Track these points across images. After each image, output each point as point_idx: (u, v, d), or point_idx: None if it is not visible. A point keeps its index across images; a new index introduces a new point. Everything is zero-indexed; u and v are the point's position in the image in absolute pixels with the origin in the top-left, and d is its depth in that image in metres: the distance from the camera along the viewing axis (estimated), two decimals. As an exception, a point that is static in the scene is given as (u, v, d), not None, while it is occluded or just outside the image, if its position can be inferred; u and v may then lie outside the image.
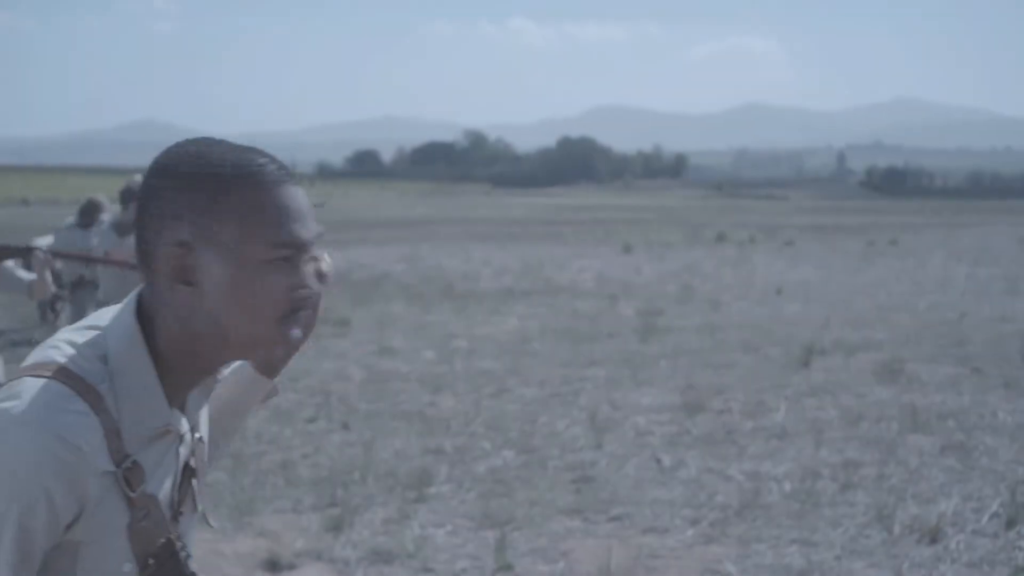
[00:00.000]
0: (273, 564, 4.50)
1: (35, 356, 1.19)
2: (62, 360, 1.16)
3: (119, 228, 6.48)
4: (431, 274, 17.50)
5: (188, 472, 1.29)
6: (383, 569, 4.48)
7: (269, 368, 1.42)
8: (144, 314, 1.20)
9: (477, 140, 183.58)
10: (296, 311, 1.20)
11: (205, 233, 1.15)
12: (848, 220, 43.61)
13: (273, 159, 1.20)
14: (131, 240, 6.52)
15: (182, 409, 1.26)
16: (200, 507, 1.33)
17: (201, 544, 2.02)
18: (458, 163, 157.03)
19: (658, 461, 6.12)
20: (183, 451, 1.27)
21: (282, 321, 1.18)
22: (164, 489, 1.24)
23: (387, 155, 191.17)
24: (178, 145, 1.20)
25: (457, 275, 17.53)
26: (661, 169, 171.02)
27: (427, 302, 13.61)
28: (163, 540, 1.23)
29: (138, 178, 6.57)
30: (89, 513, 1.14)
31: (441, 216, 40.97)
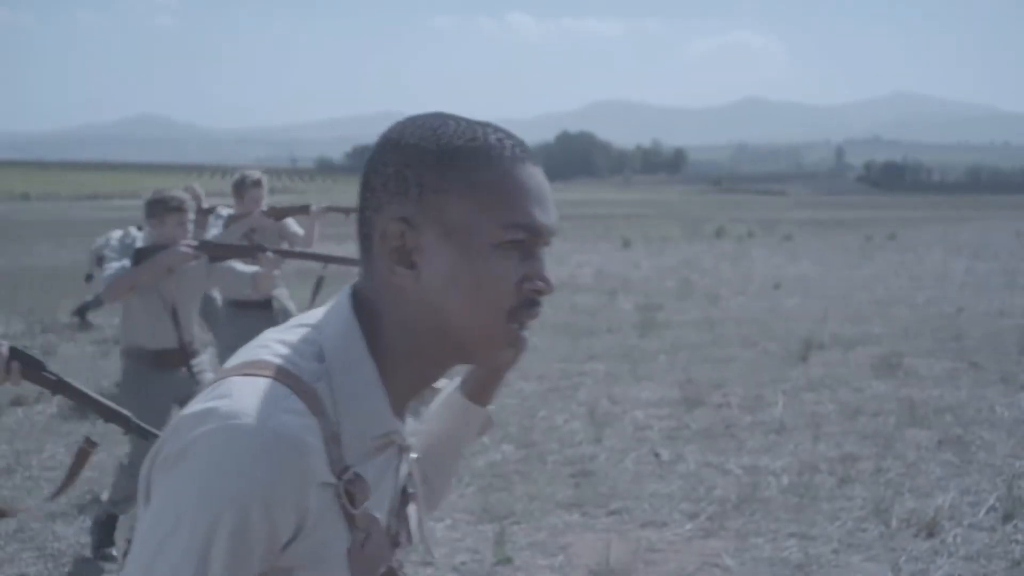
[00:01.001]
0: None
1: (241, 355, 1.05)
2: (272, 358, 1.01)
3: (227, 222, 6.09)
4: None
5: (405, 496, 1.15)
6: (382, 563, 4.49)
7: (494, 373, 1.28)
8: (363, 308, 1.06)
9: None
10: (525, 306, 1.05)
11: (430, 210, 1.02)
12: (846, 215, 43.62)
13: (510, 135, 1.07)
14: (231, 232, 6.29)
15: (402, 421, 1.11)
16: (418, 538, 1.18)
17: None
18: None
19: (657, 455, 6.13)
20: (403, 470, 1.14)
21: (509, 316, 1.04)
22: (383, 511, 1.09)
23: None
24: (408, 119, 1.08)
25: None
26: (660, 164, 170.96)
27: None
28: (384, 570, 1.08)
29: (250, 172, 6.31)
30: (308, 532, 0.99)
31: (440, 211, 40.97)
